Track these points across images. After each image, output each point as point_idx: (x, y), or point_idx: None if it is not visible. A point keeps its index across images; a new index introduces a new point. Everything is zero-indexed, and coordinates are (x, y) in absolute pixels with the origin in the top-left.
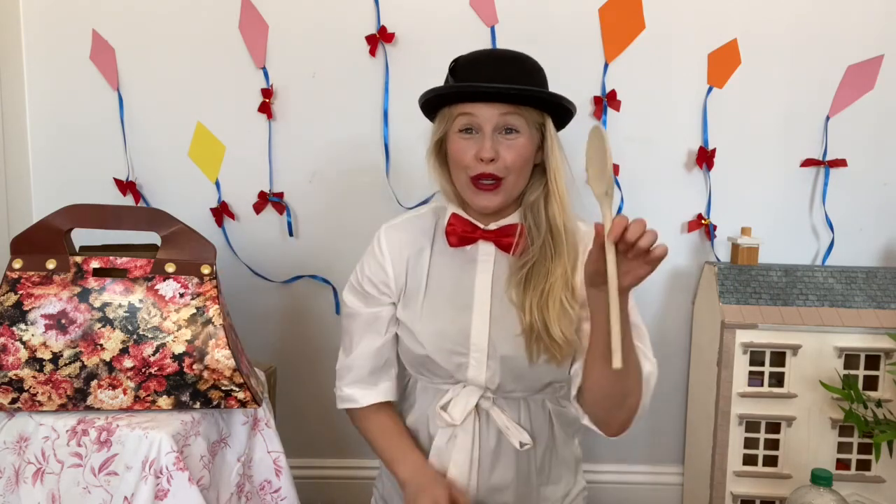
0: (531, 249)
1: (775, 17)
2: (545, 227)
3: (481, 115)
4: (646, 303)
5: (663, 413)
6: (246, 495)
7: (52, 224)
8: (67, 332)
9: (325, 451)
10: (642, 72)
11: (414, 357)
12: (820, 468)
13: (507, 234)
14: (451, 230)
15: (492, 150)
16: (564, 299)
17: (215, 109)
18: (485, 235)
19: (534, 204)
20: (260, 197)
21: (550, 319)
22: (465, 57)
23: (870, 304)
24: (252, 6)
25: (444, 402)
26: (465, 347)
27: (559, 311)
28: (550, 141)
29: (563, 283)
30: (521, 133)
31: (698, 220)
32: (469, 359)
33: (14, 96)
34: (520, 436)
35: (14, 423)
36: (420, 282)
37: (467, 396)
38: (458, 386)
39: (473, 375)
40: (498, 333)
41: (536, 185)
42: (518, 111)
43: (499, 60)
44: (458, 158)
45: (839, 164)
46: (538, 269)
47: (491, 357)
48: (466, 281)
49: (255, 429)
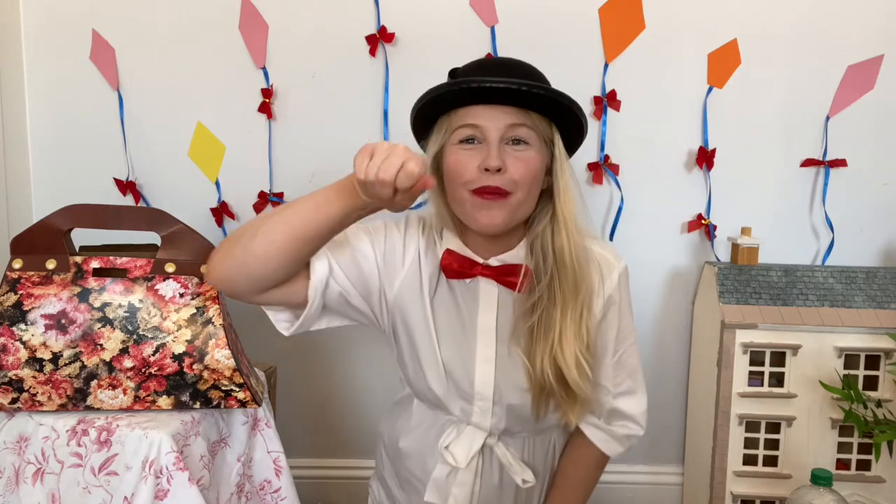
0: (539, 288)
1: (775, 17)
2: (552, 262)
3: (487, 122)
4: (646, 303)
5: (663, 413)
6: (246, 495)
7: (52, 224)
8: (67, 332)
9: (325, 451)
10: (642, 72)
11: (419, 390)
12: (820, 468)
13: (510, 274)
14: (446, 266)
15: (499, 157)
16: (579, 353)
17: (215, 109)
18: (484, 272)
19: (540, 235)
20: (260, 197)
21: (566, 372)
22: (465, 64)
23: (870, 304)
24: (252, 6)
25: (447, 443)
26: (470, 395)
27: (576, 364)
28: (560, 161)
29: (576, 329)
30: (531, 146)
31: (698, 220)
32: (473, 406)
33: (14, 97)
34: (523, 473)
35: (14, 423)
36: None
37: (472, 438)
38: (462, 424)
39: (478, 421)
40: (505, 382)
41: (543, 213)
42: (528, 120)
43: (503, 65)
44: (457, 172)
45: (839, 164)
46: (547, 317)
47: (497, 404)
48: (468, 321)
49: (255, 429)
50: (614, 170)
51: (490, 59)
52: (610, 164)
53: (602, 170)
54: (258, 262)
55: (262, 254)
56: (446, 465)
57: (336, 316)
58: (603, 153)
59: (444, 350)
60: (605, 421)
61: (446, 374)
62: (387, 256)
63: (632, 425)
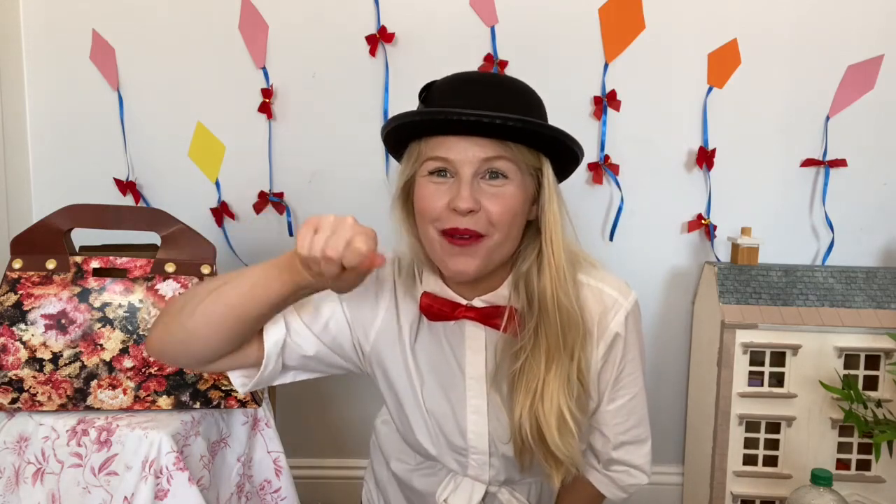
0: (524, 334)
1: (775, 17)
2: (537, 305)
3: (458, 156)
4: (646, 303)
5: (663, 413)
6: (246, 495)
7: (52, 224)
8: (67, 332)
9: (325, 451)
10: (642, 72)
11: (411, 444)
12: (820, 468)
13: (494, 316)
14: (426, 309)
15: (470, 198)
16: (564, 408)
17: (215, 109)
18: (466, 314)
19: (526, 275)
20: (260, 197)
21: (546, 431)
22: (440, 80)
23: (870, 304)
24: (252, 6)
25: (445, 496)
26: (464, 448)
27: (557, 422)
28: (548, 192)
29: (562, 383)
30: (511, 179)
31: (698, 220)
32: (469, 459)
33: (14, 96)
34: None
35: (14, 423)
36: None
37: (471, 491)
38: (459, 476)
39: (475, 474)
40: (500, 430)
41: (530, 249)
42: (508, 152)
43: (484, 84)
44: (424, 208)
45: (839, 164)
46: (531, 365)
47: (493, 455)
48: (457, 365)
49: (255, 429)
50: (614, 170)
51: (472, 75)
52: (610, 164)
53: (602, 170)
54: (198, 341)
55: (200, 333)
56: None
57: (304, 371)
58: (603, 153)
59: (429, 403)
60: (605, 467)
61: (435, 429)
62: (356, 307)
63: (636, 473)
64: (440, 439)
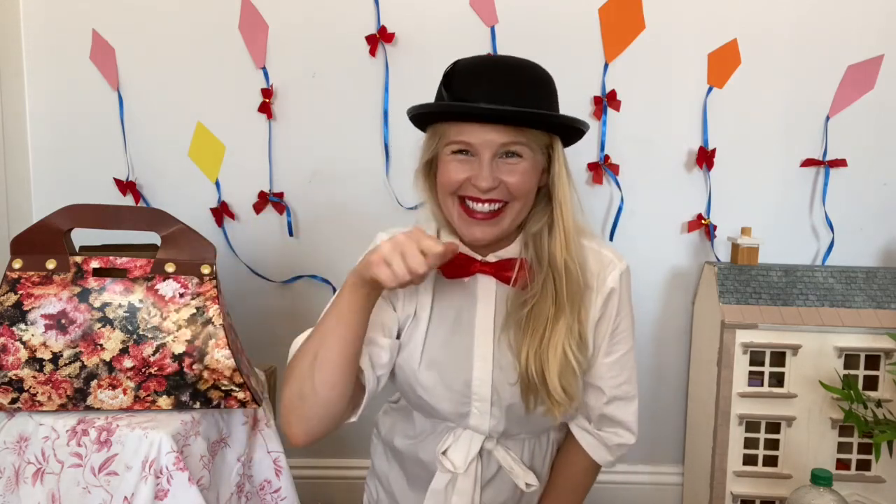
0: (533, 286)
1: (775, 17)
2: (547, 264)
3: (478, 140)
4: (646, 303)
5: (663, 413)
6: (246, 495)
7: (52, 224)
8: (67, 332)
9: (325, 451)
10: (642, 72)
11: (412, 399)
12: (820, 468)
13: (508, 269)
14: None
15: (490, 177)
16: (568, 349)
17: (215, 109)
18: (483, 269)
19: (536, 235)
20: (260, 197)
21: (549, 372)
22: (463, 63)
23: (870, 304)
24: (252, 6)
25: (444, 448)
26: (467, 396)
27: (560, 363)
28: (558, 165)
29: (567, 329)
30: (525, 158)
31: (698, 220)
32: (471, 408)
33: (14, 96)
34: (525, 476)
35: (14, 423)
36: (421, 319)
37: (469, 442)
38: (459, 430)
39: (476, 424)
40: (502, 380)
41: (540, 213)
42: (523, 137)
43: (501, 71)
44: (447, 181)
45: (839, 164)
46: (539, 311)
47: (495, 405)
48: (466, 319)
49: (255, 429)
50: (614, 170)
51: (490, 62)
52: (610, 164)
53: (602, 170)
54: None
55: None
56: (445, 473)
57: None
58: (603, 153)
59: (438, 352)
60: (596, 426)
61: (443, 377)
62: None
63: (623, 433)
64: (445, 390)
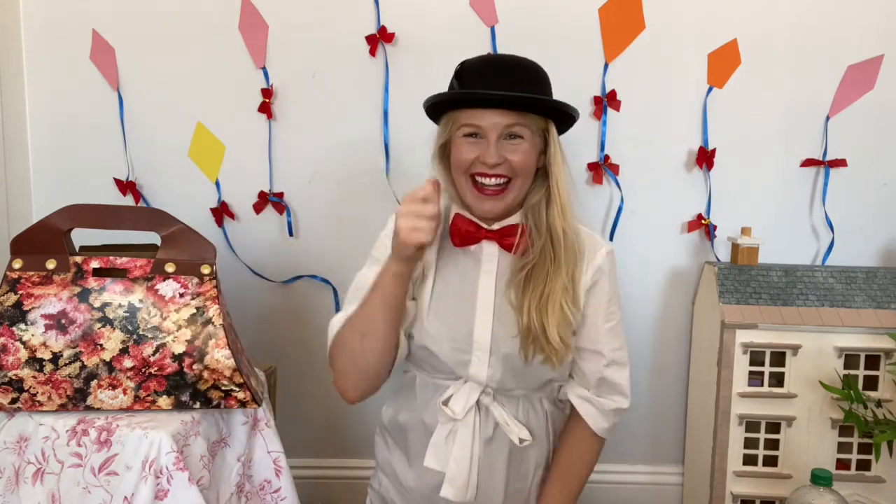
0: (532, 251)
1: (775, 17)
2: (545, 231)
3: (486, 123)
4: (646, 303)
5: (663, 413)
6: (246, 495)
7: (52, 224)
8: (67, 332)
9: (325, 451)
10: (642, 72)
11: (418, 352)
12: (820, 468)
13: (510, 234)
14: (455, 230)
15: (496, 154)
16: (564, 304)
17: (215, 109)
18: (488, 235)
19: (535, 207)
20: (260, 197)
21: (549, 323)
22: (470, 61)
23: (870, 304)
24: (252, 6)
25: (445, 398)
26: (469, 345)
27: (558, 316)
28: (553, 147)
29: (563, 287)
30: (525, 139)
31: (698, 220)
32: (472, 356)
33: (14, 96)
34: (519, 432)
35: (14, 423)
36: (428, 277)
37: (468, 392)
38: (459, 382)
39: (475, 372)
40: (501, 332)
41: (538, 188)
42: (523, 120)
43: (505, 67)
44: (460, 160)
45: (839, 164)
46: (538, 272)
47: (493, 354)
48: (471, 280)
49: (255, 429)
50: (614, 170)
51: (495, 59)
52: (610, 164)
53: (602, 170)
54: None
55: (379, 361)
56: (445, 424)
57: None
58: (603, 153)
59: (444, 305)
60: (595, 392)
61: (445, 328)
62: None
63: (618, 398)
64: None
